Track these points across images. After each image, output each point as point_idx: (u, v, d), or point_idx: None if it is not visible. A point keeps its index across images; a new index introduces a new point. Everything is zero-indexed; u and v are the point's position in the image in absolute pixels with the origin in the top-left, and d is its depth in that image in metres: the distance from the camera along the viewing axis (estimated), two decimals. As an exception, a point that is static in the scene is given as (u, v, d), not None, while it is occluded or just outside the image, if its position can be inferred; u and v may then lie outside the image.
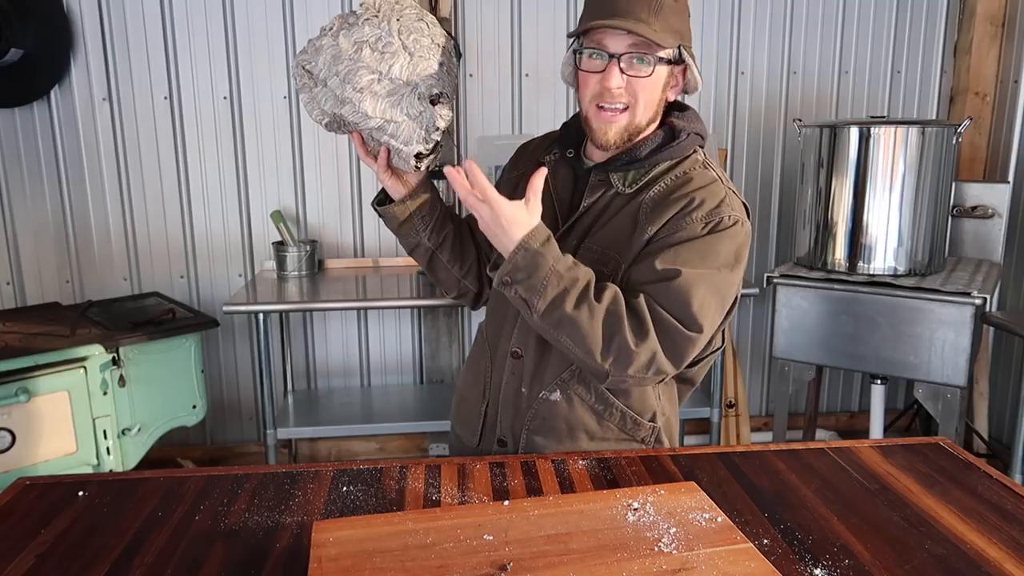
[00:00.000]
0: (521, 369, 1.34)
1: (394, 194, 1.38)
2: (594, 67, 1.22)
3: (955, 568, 0.97)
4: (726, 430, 3.17)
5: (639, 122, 1.24)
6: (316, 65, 1.28)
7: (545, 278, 1.13)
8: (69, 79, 2.82)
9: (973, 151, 3.16)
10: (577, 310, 1.13)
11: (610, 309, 1.15)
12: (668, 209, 1.22)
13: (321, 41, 1.28)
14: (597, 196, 1.29)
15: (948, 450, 1.33)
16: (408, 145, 1.28)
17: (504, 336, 1.36)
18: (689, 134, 1.28)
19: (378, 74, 1.23)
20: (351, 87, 1.24)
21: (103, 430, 2.28)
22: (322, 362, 3.17)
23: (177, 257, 3.01)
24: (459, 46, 1.41)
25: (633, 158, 1.26)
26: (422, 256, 1.45)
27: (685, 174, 1.26)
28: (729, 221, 1.21)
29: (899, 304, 2.47)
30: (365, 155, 1.35)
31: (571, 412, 1.32)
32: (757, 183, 3.25)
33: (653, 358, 1.17)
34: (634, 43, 1.18)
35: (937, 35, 3.20)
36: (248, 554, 1.00)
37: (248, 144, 2.95)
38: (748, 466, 1.26)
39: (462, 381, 1.51)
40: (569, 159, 1.36)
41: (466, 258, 1.47)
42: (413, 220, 1.39)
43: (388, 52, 1.23)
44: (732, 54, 3.11)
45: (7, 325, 2.47)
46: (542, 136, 1.51)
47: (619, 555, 0.91)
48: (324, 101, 1.29)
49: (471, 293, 1.50)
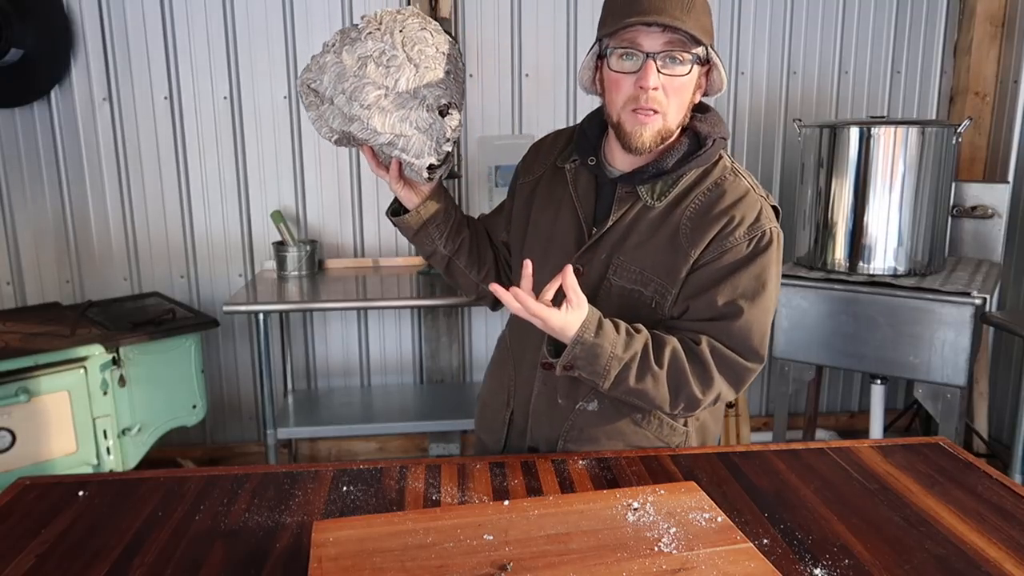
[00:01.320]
0: (555, 380, 1.31)
1: (407, 204, 1.37)
2: (626, 68, 1.17)
3: (955, 568, 0.97)
4: (726, 430, 3.17)
5: (671, 126, 1.20)
6: (321, 83, 1.25)
7: (606, 365, 1.15)
8: (69, 79, 2.82)
9: (973, 151, 3.16)
10: (641, 382, 1.18)
11: (672, 368, 1.19)
12: (709, 229, 1.21)
13: (324, 58, 1.25)
14: (625, 208, 1.26)
15: (948, 450, 1.33)
16: (420, 158, 1.26)
17: (531, 348, 1.35)
18: (714, 140, 1.25)
19: (385, 89, 1.21)
20: (358, 104, 1.22)
21: (103, 430, 2.28)
22: (322, 362, 3.17)
23: (177, 257, 3.01)
24: (462, 55, 1.39)
25: (660, 169, 1.23)
26: (439, 262, 1.45)
27: (717, 185, 1.24)
28: (770, 235, 1.22)
29: (899, 304, 2.47)
30: (377, 167, 1.33)
31: (609, 421, 1.32)
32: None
33: (718, 397, 1.23)
34: (670, 41, 1.14)
35: (937, 35, 3.20)
36: (248, 554, 1.00)
37: (248, 144, 2.95)
38: (748, 466, 1.26)
39: (485, 389, 1.51)
40: (591, 167, 1.31)
41: (483, 262, 1.47)
42: (428, 228, 1.38)
43: (393, 66, 1.21)
44: (732, 54, 3.11)
45: (7, 325, 2.47)
46: (554, 134, 1.46)
47: (619, 555, 0.92)
48: (332, 119, 1.26)
49: (490, 297, 1.49)
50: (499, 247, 1.49)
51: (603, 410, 1.31)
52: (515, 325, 1.41)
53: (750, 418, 3.30)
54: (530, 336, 1.33)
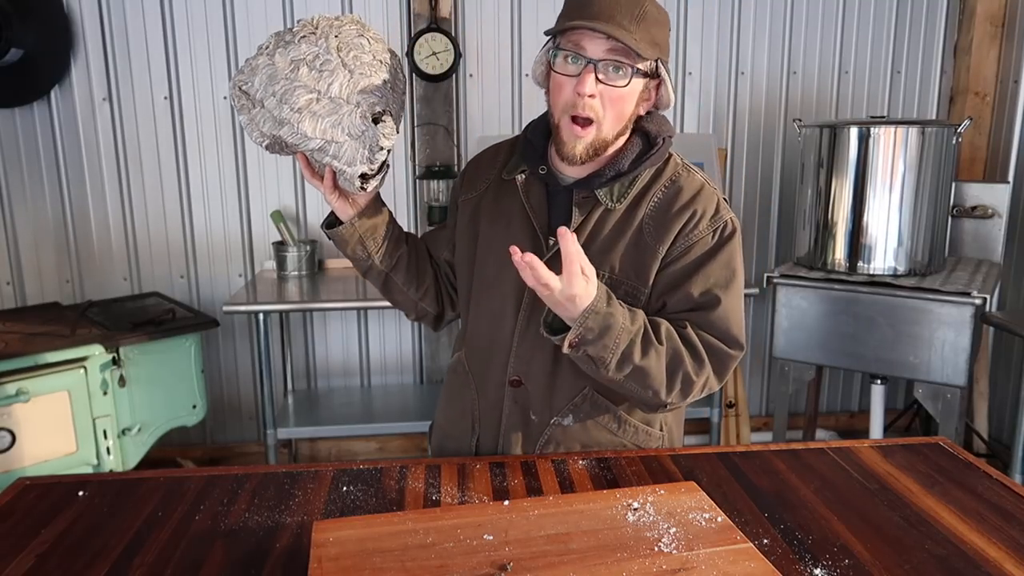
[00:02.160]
0: (526, 396, 1.30)
1: (343, 216, 1.32)
2: (569, 71, 1.16)
3: (955, 568, 0.97)
4: (726, 430, 3.17)
5: (606, 136, 1.19)
6: (252, 85, 1.22)
7: (617, 337, 1.12)
8: (69, 79, 2.82)
9: (973, 151, 3.16)
10: (646, 358, 1.15)
11: (670, 346, 1.18)
12: (673, 224, 1.22)
13: (257, 60, 1.22)
14: (586, 214, 1.25)
15: (948, 450, 1.33)
16: (352, 166, 1.22)
17: (495, 366, 1.31)
18: (664, 138, 1.25)
19: (316, 93, 1.18)
20: (289, 107, 1.18)
21: (103, 430, 2.28)
22: (322, 362, 3.17)
23: (177, 257, 3.01)
24: (403, 67, 1.35)
25: (618, 171, 1.22)
26: (376, 278, 1.41)
27: (673, 182, 1.25)
28: (732, 225, 1.25)
29: (899, 304, 2.47)
30: (311, 176, 1.30)
31: (585, 434, 1.31)
32: (757, 183, 3.25)
33: (707, 382, 1.22)
34: (613, 49, 1.13)
35: (937, 35, 3.20)
36: (248, 554, 1.00)
37: (248, 144, 2.95)
38: (748, 466, 1.26)
39: (443, 418, 1.44)
40: (542, 175, 1.28)
41: (423, 280, 1.42)
42: (364, 242, 1.34)
43: (327, 70, 1.18)
44: (732, 54, 3.11)
45: (7, 325, 2.47)
46: (494, 147, 1.42)
47: (619, 555, 0.91)
48: (263, 123, 1.22)
49: (430, 315, 1.46)
50: (440, 264, 1.46)
51: (578, 423, 1.30)
52: (475, 347, 1.36)
53: (750, 418, 3.30)
54: (495, 355, 1.31)
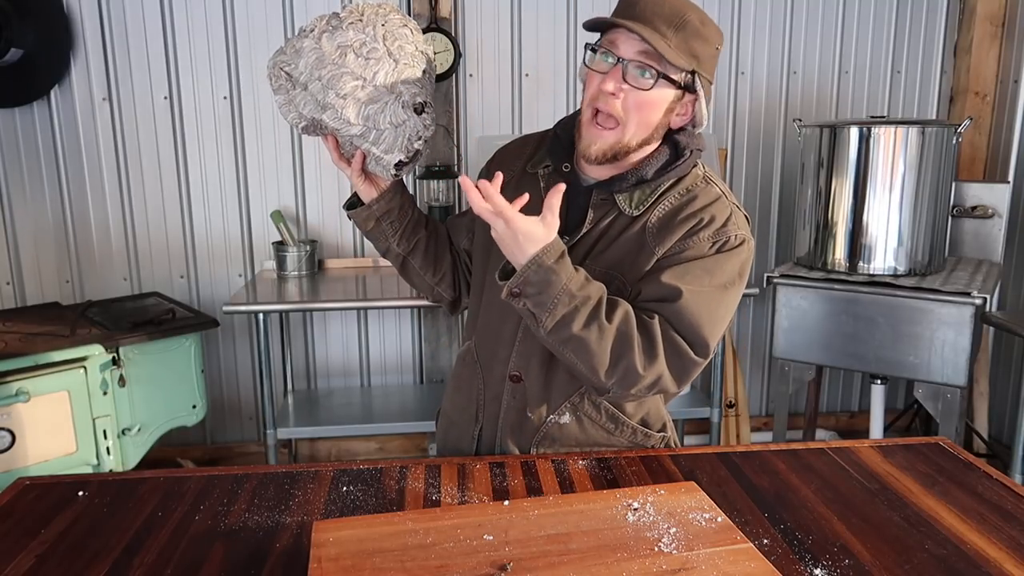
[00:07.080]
0: (524, 393, 1.30)
1: (365, 198, 1.36)
2: (600, 67, 1.17)
3: (955, 568, 0.97)
4: (726, 430, 3.17)
5: (628, 142, 1.18)
6: (296, 67, 1.23)
7: (556, 296, 1.09)
8: (69, 79, 2.81)
9: (973, 151, 3.16)
10: (586, 330, 1.11)
11: (621, 329, 1.13)
12: (676, 230, 1.20)
13: (302, 43, 1.23)
14: (600, 216, 1.25)
15: (948, 450, 1.33)
16: (389, 153, 1.25)
17: (499, 360, 1.32)
18: (692, 151, 1.24)
19: (362, 80, 1.20)
20: (334, 92, 1.20)
21: (103, 430, 2.28)
22: (322, 362, 3.17)
23: (177, 257, 3.01)
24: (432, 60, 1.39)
25: (641, 178, 1.21)
26: (394, 260, 1.43)
27: (689, 191, 1.23)
28: (735, 240, 1.20)
29: (899, 304, 2.47)
30: (338, 159, 1.33)
31: (582, 432, 1.31)
32: (757, 183, 3.25)
33: (658, 379, 1.17)
34: (644, 51, 1.13)
35: (937, 35, 3.20)
36: (248, 554, 1.00)
37: (248, 144, 2.95)
38: (748, 466, 1.26)
39: (451, 406, 1.45)
40: (565, 173, 1.28)
41: (440, 265, 1.44)
42: (382, 225, 1.37)
43: (373, 58, 1.20)
44: (732, 54, 3.11)
45: (7, 325, 2.47)
46: (522, 139, 1.42)
47: (619, 555, 0.91)
48: (303, 105, 1.25)
49: (446, 300, 1.48)
50: (459, 252, 1.46)
51: (576, 422, 1.30)
52: (484, 336, 1.36)
53: (750, 418, 3.30)
54: (501, 346, 1.31)
